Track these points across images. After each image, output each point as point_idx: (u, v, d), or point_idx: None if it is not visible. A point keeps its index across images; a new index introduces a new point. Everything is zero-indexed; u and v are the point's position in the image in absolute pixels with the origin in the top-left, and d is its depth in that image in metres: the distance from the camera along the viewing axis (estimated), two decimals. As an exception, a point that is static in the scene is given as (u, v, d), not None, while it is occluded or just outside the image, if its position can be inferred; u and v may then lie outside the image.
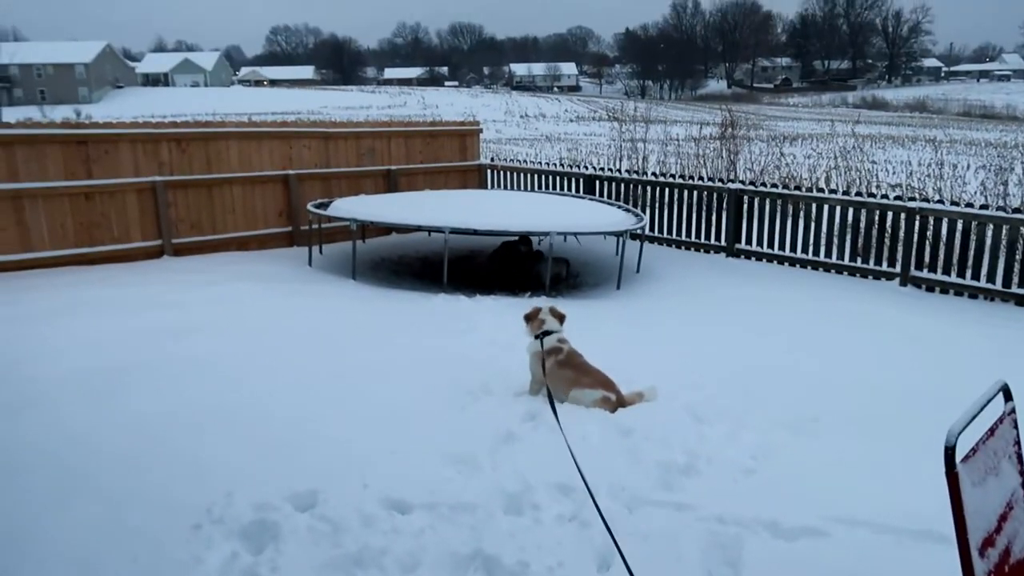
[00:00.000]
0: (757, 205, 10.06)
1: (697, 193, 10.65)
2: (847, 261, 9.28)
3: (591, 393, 4.62)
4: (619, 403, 4.63)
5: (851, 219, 9.21)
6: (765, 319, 7.29)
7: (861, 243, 9.12)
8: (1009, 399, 2.30)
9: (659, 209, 11.07)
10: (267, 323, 6.36)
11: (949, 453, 1.91)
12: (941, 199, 9.29)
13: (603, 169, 12.30)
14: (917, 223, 8.53)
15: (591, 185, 11.82)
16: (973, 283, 8.18)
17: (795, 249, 9.74)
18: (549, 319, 5.00)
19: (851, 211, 9.20)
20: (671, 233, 11.02)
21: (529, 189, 12.58)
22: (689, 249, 10.80)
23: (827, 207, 9.39)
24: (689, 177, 11.31)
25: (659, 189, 11.05)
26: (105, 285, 7.48)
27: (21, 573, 2.91)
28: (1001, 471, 2.18)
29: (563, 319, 5.10)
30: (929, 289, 8.52)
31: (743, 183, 10.56)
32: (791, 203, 9.73)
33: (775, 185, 10.43)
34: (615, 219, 9.08)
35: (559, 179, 12.28)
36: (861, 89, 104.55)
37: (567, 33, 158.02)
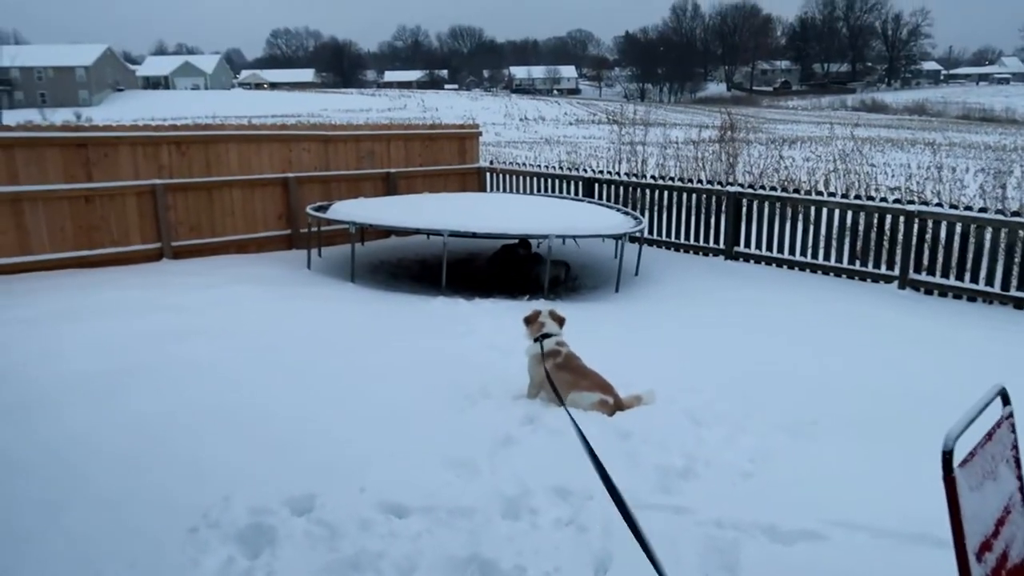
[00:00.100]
0: (756, 208, 10.07)
1: (696, 196, 10.65)
2: (846, 264, 9.27)
3: (589, 396, 4.61)
4: (617, 406, 4.63)
5: (850, 222, 9.21)
6: (764, 322, 7.29)
7: (860, 246, 9.12)
8: (1007, 403, 2.30)
9: (658, 212, 11.06)
10: (266, 326, 6.36)
11: (946, 457, 1.90)
12: (940, 202, 9.31)
13: (602, 172, 12.30)
14: (916, 226, 8.53)
15: (590, 188, 11.82)
16: (972, 286, 8.18)
17: (794, 252, 9.74)
18: (548, 322, 5.00)
19: (850, 214, 9.20)
20: (670, 236, 11.02)
21: (528, 192, 12.58)
22: (688, 252, 10.80)
23: (826, 210, 9.39)
24: (688, 180, 11.31)
25: (658, 192, 11.05)
26: (106, 288, 7.47)
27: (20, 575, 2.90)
28: (999, 475, 2.17)
29: (563, 322, 5.10)
30: (928, 292, 8.52)
31: (742, 186, 10.56)
32: (790, 206, 9.73)
33: (774, 188, 10.43)
34: (614, 222, 9.08)
35: (558, 182, 12.29)
36: (860, 92, 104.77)
37: (567, 36, 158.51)
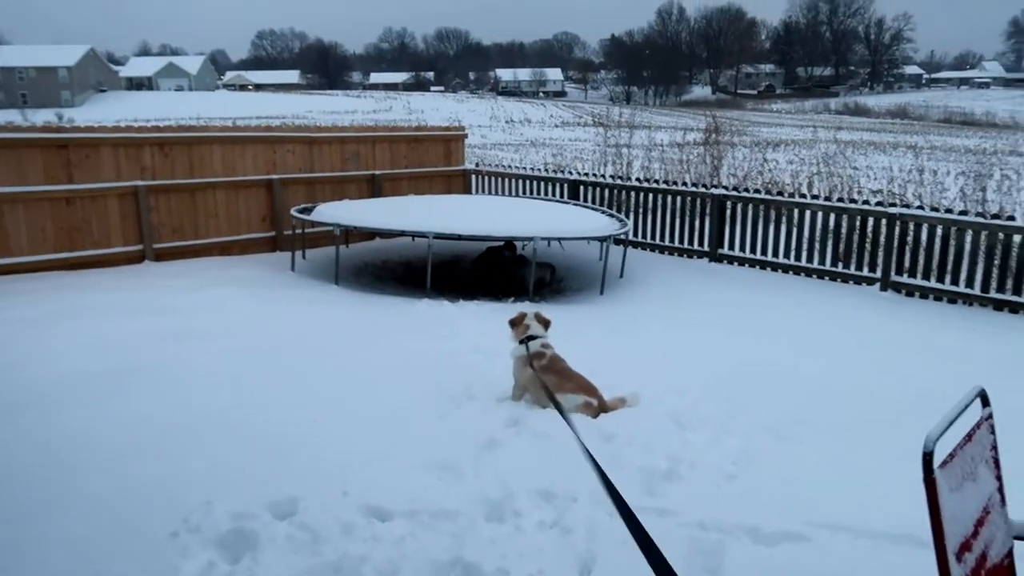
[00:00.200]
0: (740, 210, 10.12)
1: (681, 198, 10.68)
2: (829, 266, 9.34)
3: (573, 398, 4.60)
4: (601, 408, 4.63)
5: (833, 224, 9.28)
6: (748, 324, 7.32)
7: (843, 248, 9.19)
8: (986, 404, 2.32)
9: (643, 214, 11.09)
10: (251, 328, 6.30)
11: (927, 459, 1.91)
12: (921, 205, 9.40)
13: (587, 174, 12.30)
14: (898, 229, 8.60)
15: (575, 190, 11.84)
16: (953, 288, 8.26)
17: (777, 254, 9.80)
18: (534, 324, 4.99)
19: (833, 217, 9.27)
20: (655, 238, 11.05)
21: (514, 194, 12.58)
22: (672, 254, 10.83)
23: (809, 213, 9.45)
24: (673, 182, 11.35)
25: (643, 194, 11.08)
26: (89, 291, 7.40)
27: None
28: (978, 476, 2.19)
29: (548, 325, 5.10)
30: (909, 294, 8.60)
31: (726, 188, 10.61)
32: (774, 209, 9.79)
33: (758, 191, 10.49)
34: (599, 224, 9.09)
35: (544, 184, 12.29)
36: (843, 95, 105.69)
37: (553, 39, 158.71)
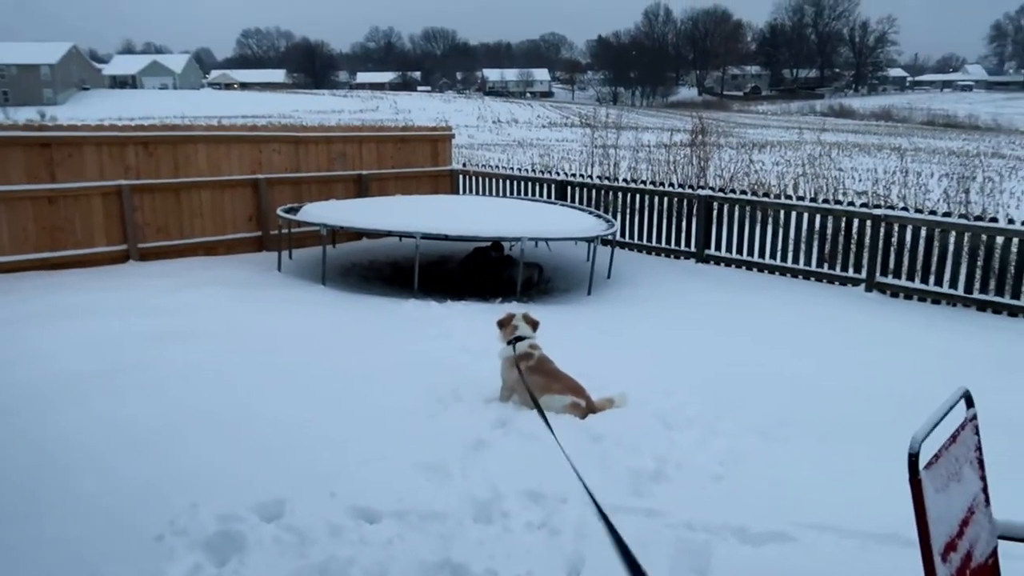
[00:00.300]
0: (727, 211, 10.16)
1: (667, 199, 10.72)
2: (814, 267, 9.40)
3: (561, 399, 4.60)
4: (589, 409, 4.63)
5: (818, 226, 9.34)
6: (734, 324, 7.35)
7: (828, 249, 9.25)
8: (971, 405, 2.34)
9: (630, 215, 11.12)
10: (235, 329, 6.26)
11: (912, 460, 1.92)
12: (905, 206, 9.48)
13: (575, 175, 12.31)
14: (882, 230, 8.67)
15: (563, 191, 11.85)
16: (936, 289, 8.33)
17: (764, 255, 9.85)
18: (522, 325, 4.99)
19: (818, 218, 9.33)
20: (642, 239, 11.08)
21: (501, 195, 12.57)
22: (659, 255, 10.86)
23: (795, 214, 9.51)
24: (660, 183, 11.39)
25: (630, 195, 11.11)
26: (71, 291, 7.33)
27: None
28: (963, 477, 2.21)
29: (536, 325, 5.09)
30: (894, 295, 8.66)
31: (713, 190, 10.65)
32: (760, 210, 9.84)
33: (744, 192, 10.54)
34: (586, 225, 9.10)
35: (531, 185, 12.29)
36: (829, 97, 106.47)
37: (540, 39, 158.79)
